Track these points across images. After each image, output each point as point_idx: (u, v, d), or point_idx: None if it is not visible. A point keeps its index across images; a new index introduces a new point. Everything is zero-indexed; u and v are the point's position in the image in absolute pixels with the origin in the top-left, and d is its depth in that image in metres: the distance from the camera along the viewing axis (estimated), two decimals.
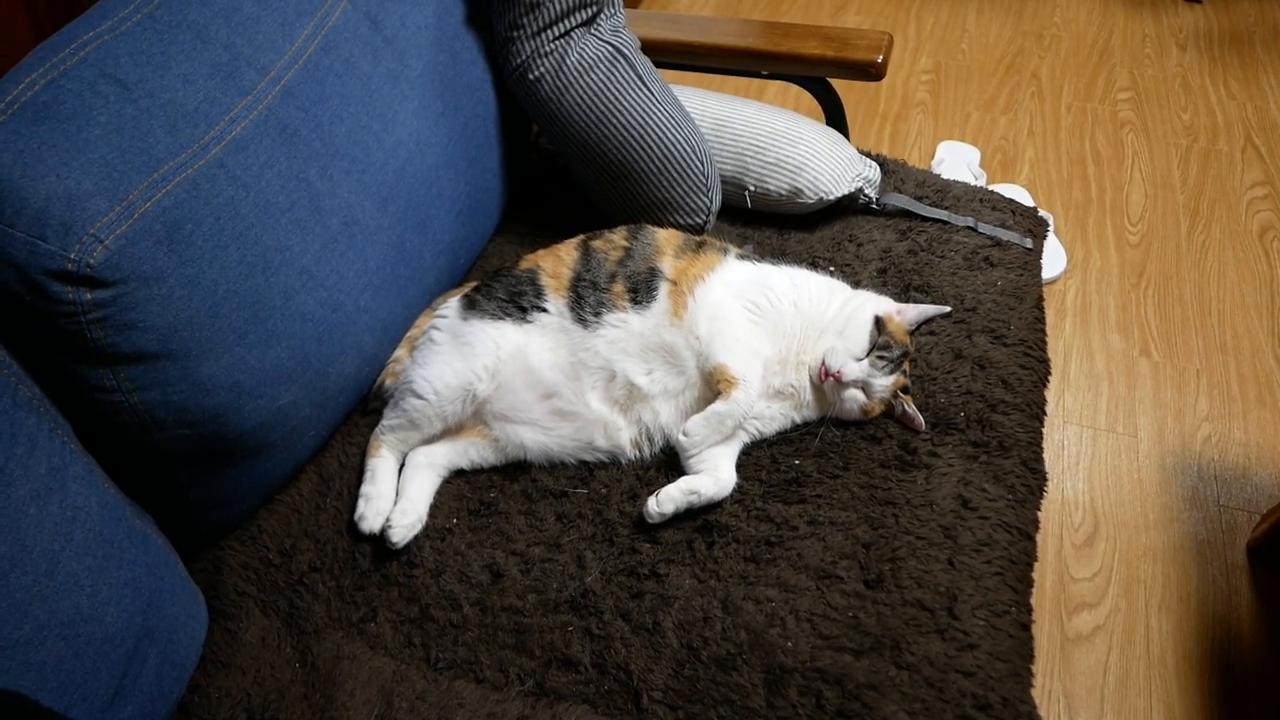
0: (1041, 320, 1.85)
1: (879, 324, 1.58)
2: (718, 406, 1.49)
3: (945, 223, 1.95)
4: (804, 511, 1.47)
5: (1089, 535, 2.36)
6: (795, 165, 1.90)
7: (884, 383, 1.55)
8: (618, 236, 1.69)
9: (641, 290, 1.59)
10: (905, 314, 1.64)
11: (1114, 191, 3.39)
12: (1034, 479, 1.57)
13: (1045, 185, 3.38)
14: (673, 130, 1.81)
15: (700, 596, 1.38)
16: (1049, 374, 1.77)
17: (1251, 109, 3.81)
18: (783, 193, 1.92)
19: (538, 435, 1.55)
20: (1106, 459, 2.53)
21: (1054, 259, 3.00)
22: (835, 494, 1.50)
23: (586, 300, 1.59)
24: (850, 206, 1.98)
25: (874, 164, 1.97)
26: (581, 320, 1.57)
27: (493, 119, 1.89)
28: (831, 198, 1.91)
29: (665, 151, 1.81)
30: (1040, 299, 1.88)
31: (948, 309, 1.67)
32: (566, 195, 2.08)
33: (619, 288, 1.60)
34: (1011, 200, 2.08)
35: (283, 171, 1.38)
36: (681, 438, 1.50)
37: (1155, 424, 2.63)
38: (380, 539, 1.46)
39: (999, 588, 1.40)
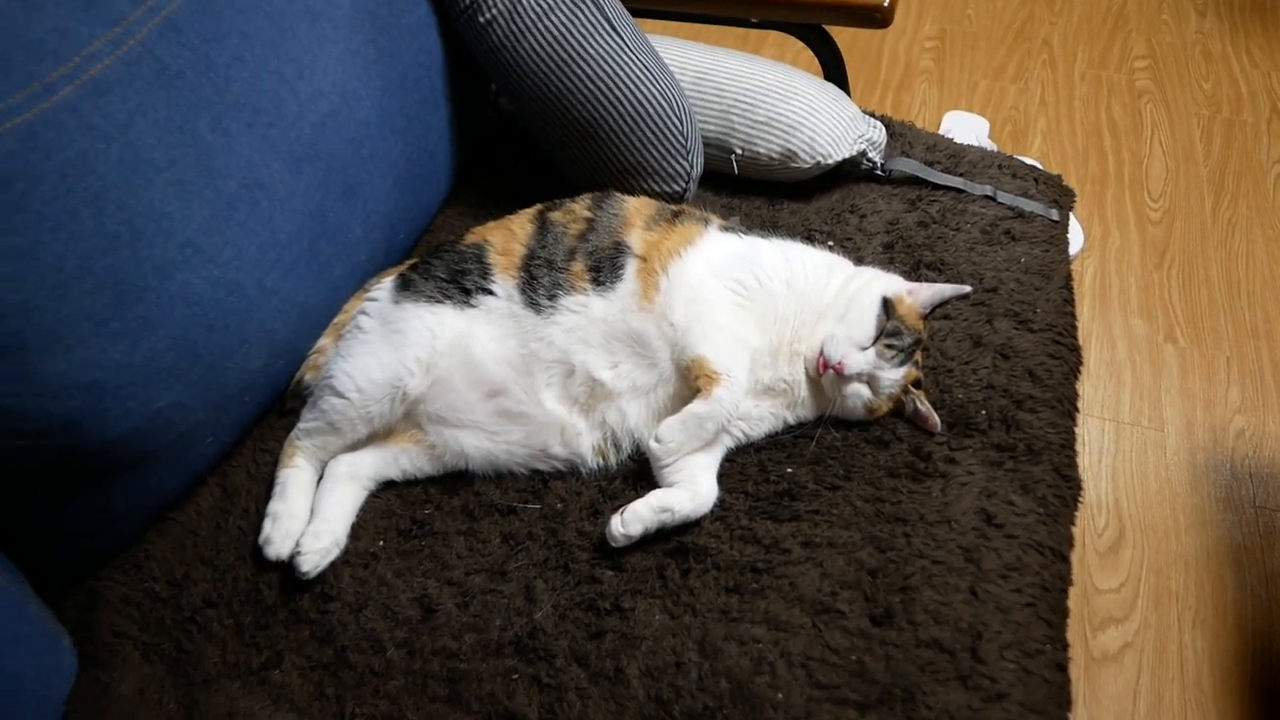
0: (1071, 302, 1.61)
1: (887, 307, 1.34)
2: (696, 407, 1.25)
3: (960, 191, 1.70)
4: (798, 531, 1.23)
5: (1114, 541, 2.12)
6: (789, 124, 1.65)
7: (893, 376, 1.31)
8: (579, 206, 1.44)
9: (605, 269, 1.34)
10: (918, 295, 1.39)
11: (1133, 165, 3.15)
12: (1067, 488, 1.33)
13: (1059, 158, 3.14)
14: (647, 83, 1.56)
15: (672, 636, 1.14)
16: (1081, 364, 1.53)
17: (1277, 78, 3.57)
18: (774, 156, 1.67)
19: (481, 441, 1.31)
20: (1131, 455, 2.30)
21: (1070, 237, 2.75)
22: (835, 509, 1.25)
23: (540, 281, 1.34)
24: (852, 173, 1.73)
25: (878, 124, 1.73)
26: (534, 305, 1.32)
27: (438, 70, 1.63)
28: (830, 161, 1.66)
29: (638, 107, 1.55)
30: (1069, 277, 1.64)
31: (967, 289, 1.43)
32: (530, 162, 1.83)
33: (578, 266, 1.35)
34: (1033, 167, 1.84)
35: (160, 121, 1.13)
36: (653, 444, 1.26)
37: (1183, 417, 2.39)
38: (289, 566, 1.21)
39: (1031, 622, 1.16)
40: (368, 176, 1.48)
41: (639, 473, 1.32)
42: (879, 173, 1.72)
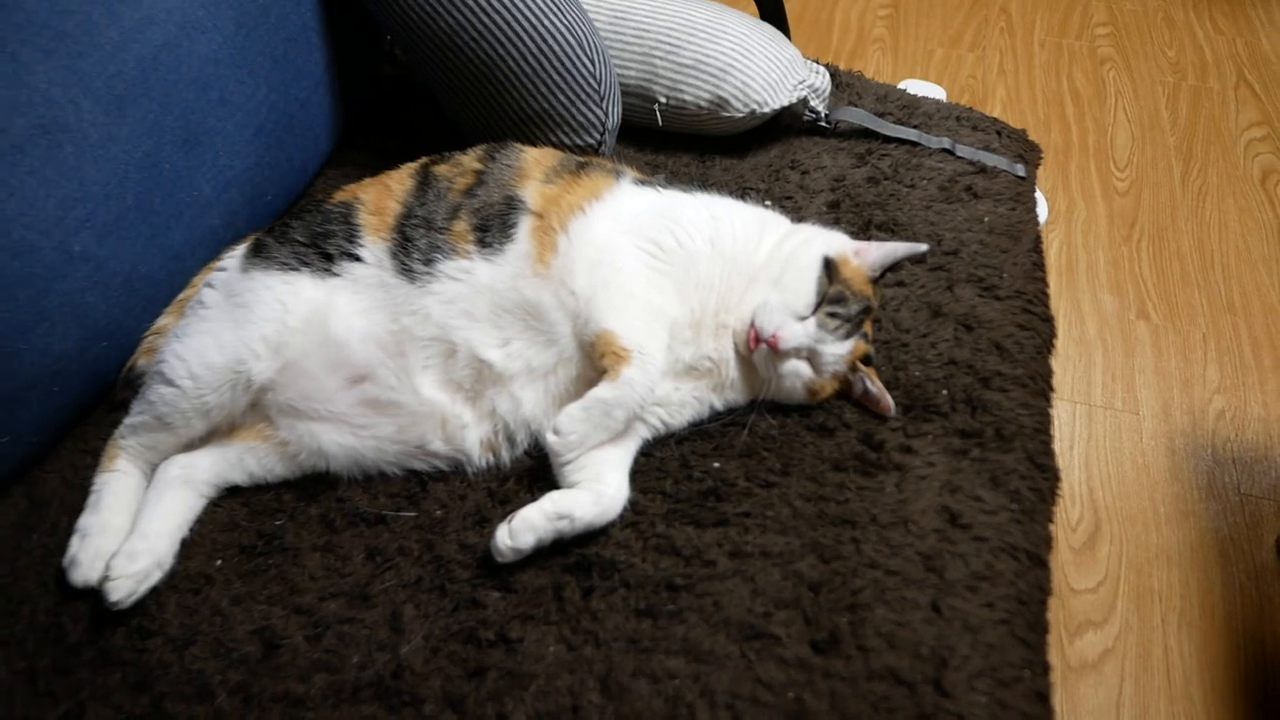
0: (1041, 267, 1.41)
1: (829, 268, 1.13)
2: (602, 391, 1.03)
3: (915, 144, 1.50)
4: (725, 538, 1.02)
5: (1089, 535, 1.94)
6: (719, 67, 1.44)
7: (837, 350, 1.10)
8: (470, 158, 1.22)
9: (494, 228, 1.12)
10: (865, 256, 1.18)
11: (1097, 134, 2.99)
12: (1043, 479, 1.14)
13: (1020, 127, 2.95)
14: (550, 15, 1.33)
15: (569, 673, 0.92)
16: (1054, 336, 1.34)
17: (1241, 44, 3.43)
18: (703, 104, 1.45)
19: (344, 436, 1.08)
20: (1105, 441, 2.12)
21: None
22: (770, 511, 1.04)
23: (415, 244, 1.11)
24: (792, 126, 1.52)
25: (822, 70, 1.52)
26: (408, 271, 1.10)
27: (311, 6, 1.39)
28: (766, 110, 1.45)
29: (540, 44, 1.33)
30: (1039, 239, 1.44)
31: (923, 248, 1.22)
32: (431, 122, 1.60)
33: (461, 225, 1.12)
34: (995, 120, 1.64)
35: None
36: (551, 437, 1.04)
37: (1159, 398, 2.22)
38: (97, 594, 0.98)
39: (1005, 643, 0.96)
40: (218, 124, 1.25)
41: (538, 472, 1.10)
42: (823, 124, 1.51)
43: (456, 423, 1.10)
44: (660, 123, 1.48)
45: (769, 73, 1.45)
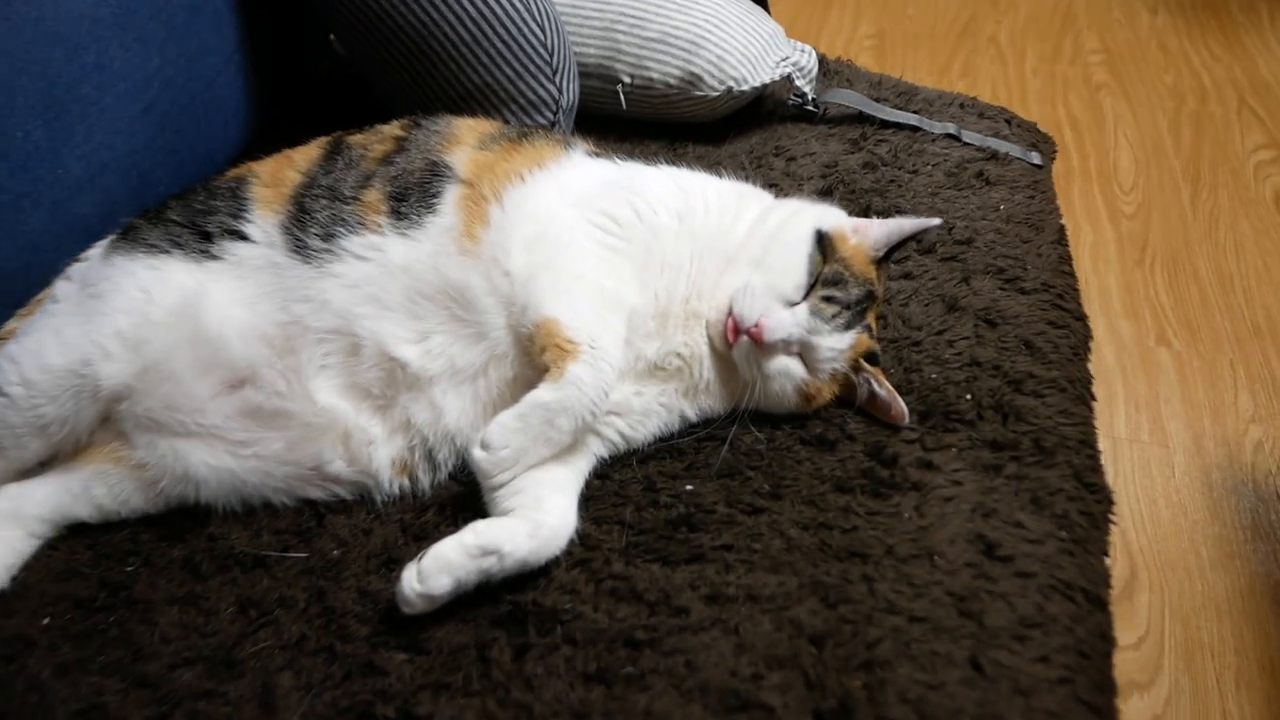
0: (1068, 260, 1.21)
1: (824, 244, 0.92)
2: (543, 393, 0.82)
3: (915, 129, 1.31)
4: (701, 578, 0.80)
5: (1125, 583, 1.70)
6: (690, 40, 1.26)
7: (835, 343, 0.89)
8: (393, 126, 1.02)
9: (412, 196, 0.91)
10: (867, 233, 0.98)
11: (1099, 158, 2.82)
12: (1094, 500, 0.92)
13: None
14: None
15: None
16: (1090, 338, 1.13)
17: (1240, 70, 3.30)
18: (672, 82, 1.26)
19: (218, 456, 0.86)
20: (1134, 477, 1.89)
21: None
22: (758, 543, 0.82)
23: (315, 216, 0.90)
24: (776, 111, 1.33)
25: (809, 49, 1.33)
26: (303, 249, 0.89)
27: None
28: (745, 88, 1.26)
29: (483, 9, 1.14)
30: (1063, 231, 1.25)
31: (935, 221, 1.01)
32: (370, 116, 1.40)
33: (373, 195, 0.92)
34: (1004, 109, 1.45)
35: None
36: (478, 453, 0.82)
37: (1189, 429, 2.00)
38: None
39: (1068, 710, 0.74)
40: (93, 94, 1.05)
41: (465, 500, 0.88)
42: (810, 108, 1.32)
43: (362, 438, 0.88)
44: (624, 106, 1.28)
45: (747, 47, 1.27)
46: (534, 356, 0.86)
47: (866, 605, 0.78)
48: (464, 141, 0.98)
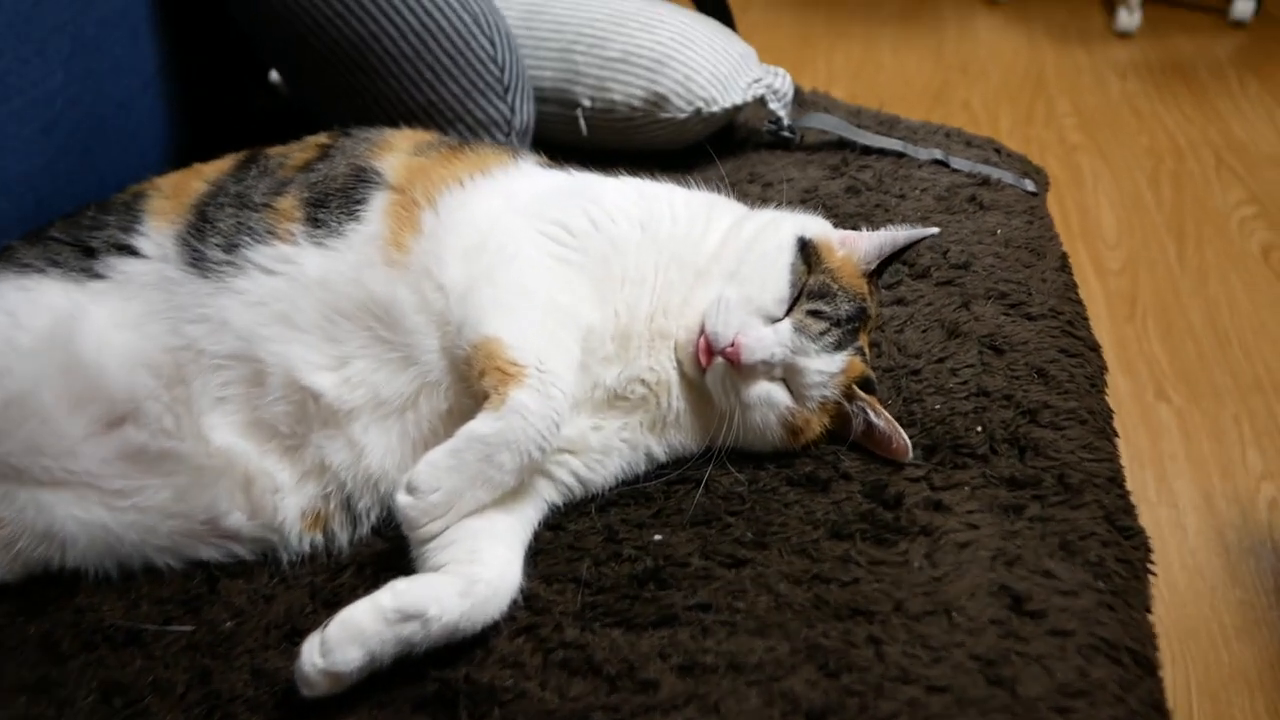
0: (1074, 289, 1.11)
1: (808, 253, 0.81)
2: (481, 425, 0.69)
3: (900, 155, 1.21)
4: (672, 645, 0.66)
5: None
6: (654, 59, 1.16)
7: (825, 366, 0.77)
8: (318, 136, 0.90)
9: (333, 203, 0.79)
10: (855, 246, 0.86)
11: (1080, 215, 2.78)
12: (1130, 546, 0.79)
13: None
14: None
15: None
16: (1105, 370, 1.02)
17: (1214, 130, 3.30)
18: (636, 103, 1.16)
19: (90, 509, 0.72)
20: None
21: None
22: (741, 601, 0.68)
23: (217, 225, 0.78)
24: (750, 139, 1.23)
25: (783, 73, 1.24)
26: (199, 262, 0.76)
27: None
28: (716, 109, 1.16)
29: (425, 19, 1.04)
30: (1065, 258, 1.14)
31: (933, 231, 0.89)
32: None
33: (288, 202, 0.79)
34: (991, 139, 1.37)
35: None
36: (403, 498, 0.68)
37: (1198, 487, 1.88)
38: None
39: None
40: None
41: (391, 558, 0.73)
42: (786, 134, 1.22)
43: (266, 484, 0.74)
44: (585, 132, 1.18)
45: (717, 66, 1.17)
46: (472, 383, 0.72)
47: (875, 673, 0.63)
48: (397, 148, 0.86)
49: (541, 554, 0.74)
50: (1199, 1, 3.70)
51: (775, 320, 0.78)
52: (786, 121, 1.23)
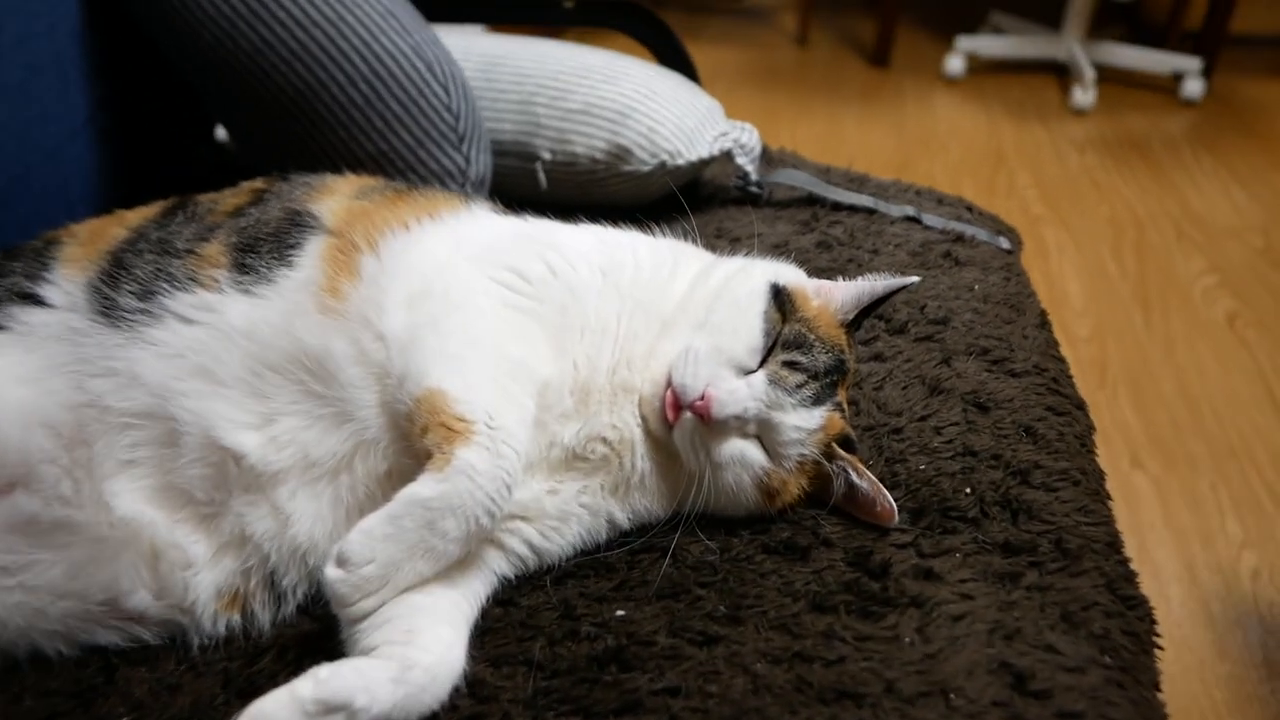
0: (1056, 346, 1.06)
1: (781, 301, 0.75)
2: (423, 487, 0.61)
3: (871, 212, 1.17)
4: None
5: None
6: (617, 110, 1.12)
7: (802, 422, 0.70)
8: (253, 182, 0.84)
9: (264, 248, 0.72)
10: (831, 295, 0.81)
11: (1047, 285, 2.78)
12: (1134, 616, 0.72)
13: None
14: (387, 33, 1.01)
15: None
16: (1094, 430, 0.96)
17: (1173, 202, 3.36)
18: (598, 155, 1.12)
19: None
20: None
21: None
22: (714, 684, 0.60)
23: (133, 272, 0.71)
24: (716, 195, 1.19)
25: (749, 128, 1.20)
26: (110, 310, 0.69)
27: (71, 33, 1.05)
28: (681, 162, 1.12)
29: (376, 66, 1.00)
30: (1045, 316, 1.10)
31: (913, 280, 0.84)
32: None
33: (213, 248, 0.73)
34: (961, 198, 1.34)
35: None
36: (332, 571, 0.60)
37: (1179, 558, 1.83)
38: None
39: None
40: None
41: (318, 640, 0.64)
42: (755, 189, 1.18)
43: (176, 559, 0.65)
44: (544, 185, 1.13)
45: (682, 119, 1.13)
46: (414, 441, 0.65)
47: None
48: (338, 192, 0.80)
49: (489, 633, 0.66)
50: (1150, 81, 3.79)
51: (748, 372, 0.72)
52: (754, 176, 1.19)
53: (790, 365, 0.72)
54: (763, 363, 0.72)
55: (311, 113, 1.01)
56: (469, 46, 1.20)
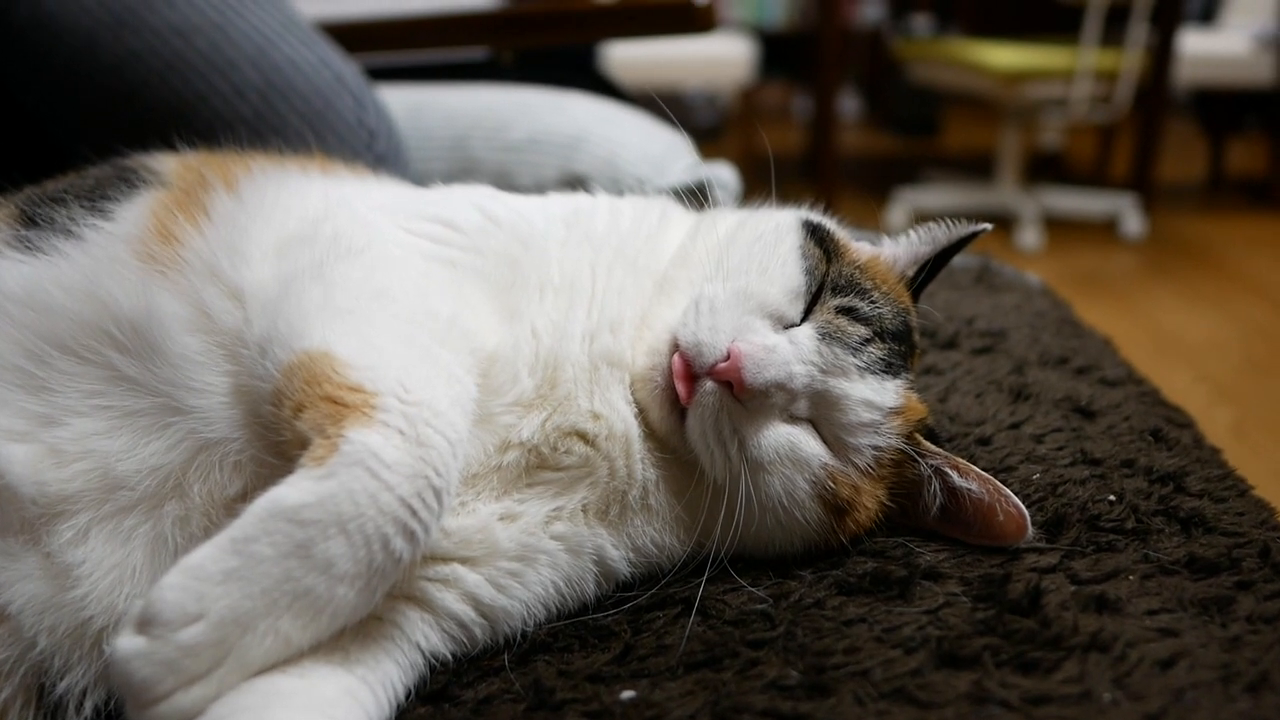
0: (1132, 367, 0.84)
1: (821, 238, 0.53)
2: (290, 491, 0.36)
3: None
4: None
5: None
6: (570, 137, 0.94)
7: (874, 396, 0.47)
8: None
9: (71, 199, 0.49)
10: (879, 250, 0.59)
11: None
12: None
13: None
14: (286, 40, 0.83)
15: None
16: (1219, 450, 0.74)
17: (1144, 325, 3.32)
18: (550, 187, 0.92)
19: None
20: None
21: None
22: None
23: None
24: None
25: (726, 165, 1.03)
26: None
27: None
28: (651, 190, 0.92)
29: (268, 74, 0.81)
30: (1110, 342, 0.89)
31: (986, 226, 0.63)
32: None
33: (3, 211, 0.49)
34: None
35: None
36: (125, 642, 0.33)
37: None
38: None
39: None
40: None
41: None
42: None
43: None
44: None
45: (646, 144, 0.96)
46: (284, 431, 0.40)
47: None
48: (192, 153, 0.58)
49: None
50: (1091, 222, 3.80)
51: (791, 324, 0.49)
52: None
53: (847, 312, 0.49)
54: (807, 314, 0.50)
55: (191, 129, 0.81)
56: (387, 97, 1.02)
